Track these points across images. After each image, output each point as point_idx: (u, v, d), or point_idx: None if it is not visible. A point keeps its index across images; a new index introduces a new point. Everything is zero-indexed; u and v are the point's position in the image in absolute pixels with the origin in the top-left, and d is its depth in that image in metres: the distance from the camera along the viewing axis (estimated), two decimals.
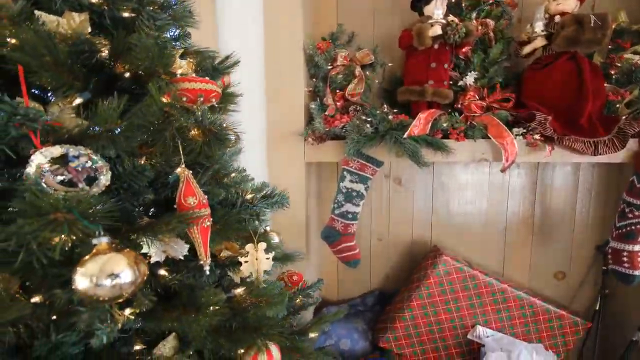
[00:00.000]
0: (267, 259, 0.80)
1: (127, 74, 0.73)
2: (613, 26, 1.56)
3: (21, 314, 0.49)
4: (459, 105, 1.64)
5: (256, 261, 0.79)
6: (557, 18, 1.49)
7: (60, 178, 0.60)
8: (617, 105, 1.54)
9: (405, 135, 1.46)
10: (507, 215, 1.94)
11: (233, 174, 0.90)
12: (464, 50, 1.65)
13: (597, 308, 1.82)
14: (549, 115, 1.46)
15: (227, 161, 0.89)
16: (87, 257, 0.52)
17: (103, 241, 0.54)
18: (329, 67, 1.71)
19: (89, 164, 0.62)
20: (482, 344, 1.74)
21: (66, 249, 0.51)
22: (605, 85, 1.53)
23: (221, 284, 0.84)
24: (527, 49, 1.59)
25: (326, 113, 1.64)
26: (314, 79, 1.72)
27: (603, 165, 1.80)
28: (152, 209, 0.79)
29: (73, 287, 0.51)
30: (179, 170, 0.69)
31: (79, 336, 0.59)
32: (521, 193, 1.90)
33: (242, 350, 0.79)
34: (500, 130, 1.47)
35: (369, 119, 1.58)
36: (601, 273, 1.83)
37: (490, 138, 1.50)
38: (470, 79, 1.66)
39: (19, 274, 0.53)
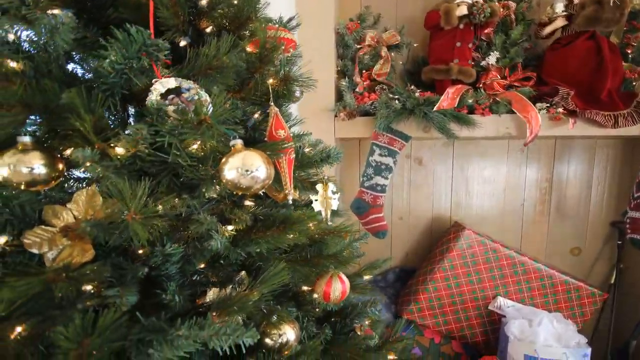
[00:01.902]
0: (334, 199, 0.89)
1: (209, 29, 0.82)
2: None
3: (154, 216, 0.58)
4: (481, 85, 1.75)
5: (325, 200, 0.88)
6: None
7: (172, 108, 0.70)
8: (634, 83, 1.65)
9: (435, 108, 1.56)
10: (524, 193, 2.04)
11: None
12: (486, 31, 1.76)
13: (613, 281, 1.93)
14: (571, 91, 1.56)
15: (289, 115, 0.98)
16: (228, 155, 0.62)
17: (238, 142, 0.64)
18: (358, 47, 1.81)
19: (197, 97, 0.71)
20: (502, 315, 1.84)
21: (201, 153, 0.61)
22: (622, 63, 1.64)
23: None
24: (548, 29, 1.69)
25: (356, 90, 1.74)
26: (342, 60, 1.82)
27: (618, 144, 1.91)
28: None
29: (221, 179, 0.60)
30: (270, 107, 0.79)
31: (193, 246, 0.68)
32: (538, 172, 2.01)
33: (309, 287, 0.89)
34: (524, 104, 1.58)
35: (395, 97, 1.68)
36: (616, 248, 1.93)
37: (514, 113, 1.60)
38: (492, 59, 1.76)
39: (158, 178, 0.62)
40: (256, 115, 0.86)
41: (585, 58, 1.62)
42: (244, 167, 0.61)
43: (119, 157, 0.57)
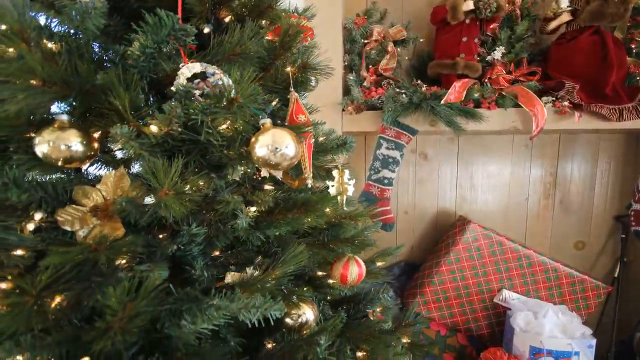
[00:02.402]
0: (349, 185, 0.92)
1: (228, 18, 0.85)
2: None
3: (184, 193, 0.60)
4: (486, 80, 1.78)
5: (340, 186, 0.91)
6: None
7: (198, 92, 0.72)
8: (638, 78, 1.68)
9: (442, 102, 1.59)
10: (529, 188, 2.07)
11: None
12: (492, 26, 1.79)
13: (616, 275, 1.96)
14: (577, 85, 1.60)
15: (304, 104, 1.01)
16: (258, 134, 0.65)
17: (267, 121, 0.66)
18: (365, 42, 1.84)
19: (221, 82, 0.74)
20: (507, 307, 1.87)
21: (230, 132, 0.63)
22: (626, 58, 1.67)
23: None
24: (553, 24, 1.73)
25: (364, 84, 1.77)
26: (349, 54, 1.85)
27: (622, 139, 1.94)
28: None
29: (252, 157, 0.63)
30: (290, 93, 0.81)
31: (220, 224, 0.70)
32: (542, 166, 2.04)
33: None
34: (530, 98, 1.61)
35: (402, 91, 1.71)
36: (620, 242, 1.96)
37: (519, 107, 1.63)
38: (497, 54, 1.79)
39: (187, 158, 0.64)
40: (274, 103, 0.89)
41: (590, 53, 1.66)
42: (275, 144, 0.63)
43: (153, 135, 0.59)
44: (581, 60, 1.67)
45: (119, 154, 0.71)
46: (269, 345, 0.63)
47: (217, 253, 0.82)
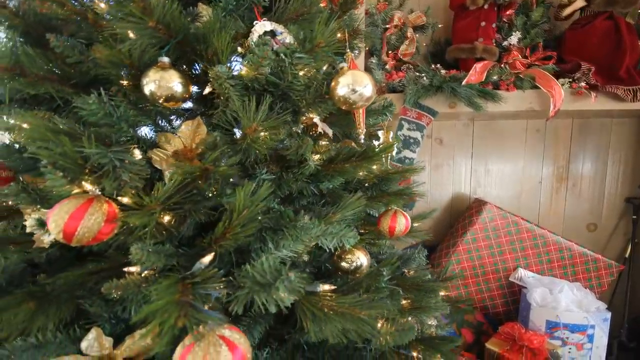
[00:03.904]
0: (394, 145, 1.00)
1: None
2: None
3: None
4: (503, 64, 1.88)
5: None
6: None
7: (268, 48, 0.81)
8: None
9: (464, 82, 1.69)
10: (542, 171, 2.17)
11: None
12: (508, 12, 1.89)
13: (628, 255, 2.06)
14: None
15: None
16: (337, 76, 0.73)
17: (344, 65, 0.75)
18: (386, 27, 1.93)
19: (287, 40, 0.83)
20: (523, 286, 1.96)
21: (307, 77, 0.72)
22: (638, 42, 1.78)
23: None
24: (568, 10, 1.83)
25: (385, 68, 1.86)
26: (370, 39, 1.94)
27: (634, 123, 2.05)
28: None
29: (333, 97, 0.72)
30: (346, 53, 0.90)
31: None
32: (555, 150, 2.14)
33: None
34: (548, 79, 1.71)
35: (422, 75, 1.80)
36: (631, 223, 2.07)
37: (537, 89, 1.73)
38: (514, 39, 1.89)
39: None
40: (324, 68, 0.97)
41: (604, 37, 1.76)
42: (355, 83, 0.72)
43: (243, 77, 0.68)
44: (595, 45, 1.77)
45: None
46: (326, 287, 0.71)
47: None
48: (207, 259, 0.56)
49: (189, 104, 0.84)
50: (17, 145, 0.77)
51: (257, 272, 0.49)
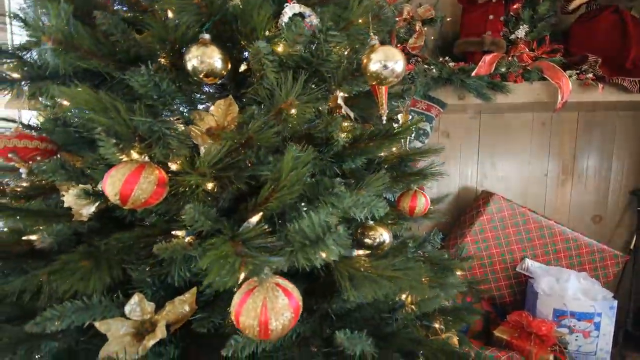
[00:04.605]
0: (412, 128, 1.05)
1: None
2: None
3: None
4: (510, 57, 1.93)
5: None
6: None
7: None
8: None
9: (473, 74, 1.74)
10: (548, 164, 2.22)
11: None
12: (515, 6, 1.94)
13: (633, 246, 2.11)
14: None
15: None
16: (369, 52, 0.77)
17: (376, 42, 0.79)
18: (395, 20, 1.98)
19: (315, 22, 0.87)
20: (529, 276, 2.01)
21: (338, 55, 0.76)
22: None
23: None
24: (574, 4, 1.88)
25: None
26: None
27: (638, 116, 2.10)
28: None
29: (365, 73, 0.76)
30: (370, 37, 0.94)
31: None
32: (561, 143, 2.19)
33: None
34: (555, 71, 1.76)
35: (431, 67, 1.85)
36: (636, 215, 2.12)
37: (544, 81, 1.78)
38: (521, 32, 1.94)
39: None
40: (346, 52, 1.02)
41: (610, 30, 1.81)
42: (386, 59, 0.76)
43: (279, 53, 0.72)
44: (602, 38, 1.82)
45: None
46: (360, 252, 0.75)
47: None
48: (255, 218, 0.61)
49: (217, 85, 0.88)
50: (61, 120, 0.81)
51: (307, 227, 0.53)
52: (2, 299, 0.77)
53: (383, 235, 0.95)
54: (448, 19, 2.04)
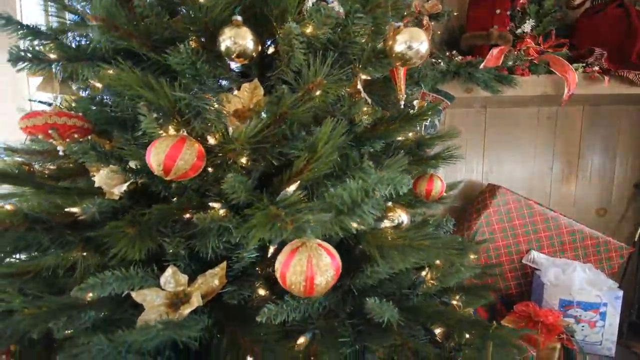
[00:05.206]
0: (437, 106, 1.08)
1: None
2: None
3: None
4: (516, 52, 1.97)
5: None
6: None
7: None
8: None
9: (481, 66, 1.78)
10: (553, 158, 2.26)
11: None
12: (521, 1, 1.99)
13: (637, 239, 2.16)
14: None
15: None
16: (394, 33, 0.81)
17: (401, 24, 0.83)
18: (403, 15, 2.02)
19: (337, 8, 0.91)
20: (535, 268, 2.05)
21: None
22: None
23: None
24: None
25: None
26: None
27: None
28: None
29: (390, 54, 0.80)
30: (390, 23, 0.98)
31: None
32: (566, 137, 2.23)
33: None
34: (562, 64, 1.80)
35: (439, 61, 1.90)
36: None
37: (551, 74, 1.83)
38: (527, 27, 1.99)
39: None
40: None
41: (615, 24, 1.86)
42: (412, 40, 0.80)
43: (308, 35, 0.76)
44: (607, 32, 1.87)
45: None
46: (387, 223, 0.78)
47: None
48: (292, 187, 0.64)
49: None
50: (97, 99, 0.84)
51: (346, 193, 0.56)
52: (38, 273, 0.81)
53: (402, 217, 0.99)
54: (455, 14, 2.08)
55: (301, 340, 0.74)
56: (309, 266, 0.53)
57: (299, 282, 0.54)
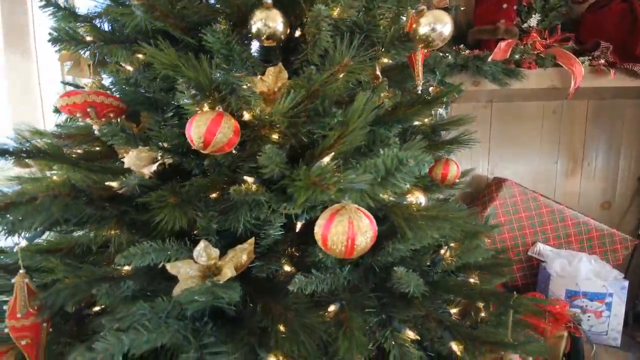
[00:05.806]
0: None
1: None
2: None
3: None
4: (522, 46, 2.02)
5: None
6: None
7: None
8: None
9: (489, 59, 1.82)
10: (558, 152, 2.31)
11: None
12: None
13: None
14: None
15: None
16: (417, 16, 0.85)
17: (424, 7, 0.87)
18: None
19: None
20: (541, 260, 2.09)
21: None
22: None
23: None
24: None
25: None
26: None
27: None
28: None
29: (414, 37, 0.84)
30: (407, 10, 1.02)
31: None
32: (571, 131, 2.28)
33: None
34: (568, 57, 1.85)
35: (446, 54, 1.94)
36: None
37: (558, 67, 1.87)
38: (533, 21, 2.03)
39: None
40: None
41: (620, 19, 1.91)
42: (436, 22, 0.84)
43: (334, 17, 0.80)
44: (612, 26, 1.92)
45: None
46: (412, 199, 0.82)
47: None
48: (327, 159, 0.68)
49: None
50: (132, 79, 0.88)
51: (380, 160, 0.60)
52: (71, 250, 0.85)
53: (420, 198, 1.03)
54: (462, 9, 2.12)
55: (332, 308, 0.78)
56: (351, 227, 0.57)
57: (341, 242, 0.58)
